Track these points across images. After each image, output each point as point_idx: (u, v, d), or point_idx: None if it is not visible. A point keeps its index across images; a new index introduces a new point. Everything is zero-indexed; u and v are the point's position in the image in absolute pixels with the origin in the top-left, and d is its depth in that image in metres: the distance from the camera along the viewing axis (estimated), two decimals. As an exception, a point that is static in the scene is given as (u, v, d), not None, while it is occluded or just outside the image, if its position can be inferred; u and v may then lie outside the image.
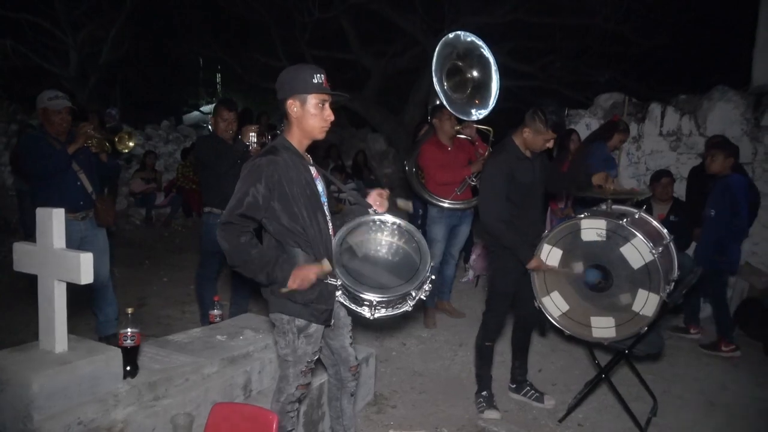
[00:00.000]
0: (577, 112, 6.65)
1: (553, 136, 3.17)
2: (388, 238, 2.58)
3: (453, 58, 4.26)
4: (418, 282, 2.41)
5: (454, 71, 4.35)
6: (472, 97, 4.35)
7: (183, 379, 2.54)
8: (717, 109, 5.62)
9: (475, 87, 4.38)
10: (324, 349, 2.68)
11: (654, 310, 2.99)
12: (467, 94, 4.40)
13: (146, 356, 2.65)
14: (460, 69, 4.36)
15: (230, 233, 2.23)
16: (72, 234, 3.98)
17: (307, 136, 2.41)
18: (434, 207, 4.86)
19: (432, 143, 4.80)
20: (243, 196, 2.23)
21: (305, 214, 2.33)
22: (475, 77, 4.38)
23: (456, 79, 4.41)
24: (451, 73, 4.33)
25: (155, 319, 5.20)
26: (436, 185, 4.81)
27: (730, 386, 3.97)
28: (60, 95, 3.95)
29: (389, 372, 4.10)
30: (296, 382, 2.45)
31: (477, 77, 4.37)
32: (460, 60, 4.28)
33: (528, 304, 3.40)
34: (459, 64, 4.31)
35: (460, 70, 4.38)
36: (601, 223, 3.12)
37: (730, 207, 4.39)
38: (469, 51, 4.27)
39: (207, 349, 2.87)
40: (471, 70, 4.38)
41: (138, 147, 10.21)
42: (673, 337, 4.82)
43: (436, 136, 4.82)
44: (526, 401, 3.66)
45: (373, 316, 2.40)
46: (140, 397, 2.33)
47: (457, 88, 4.34)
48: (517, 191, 3.24)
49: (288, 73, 2.35)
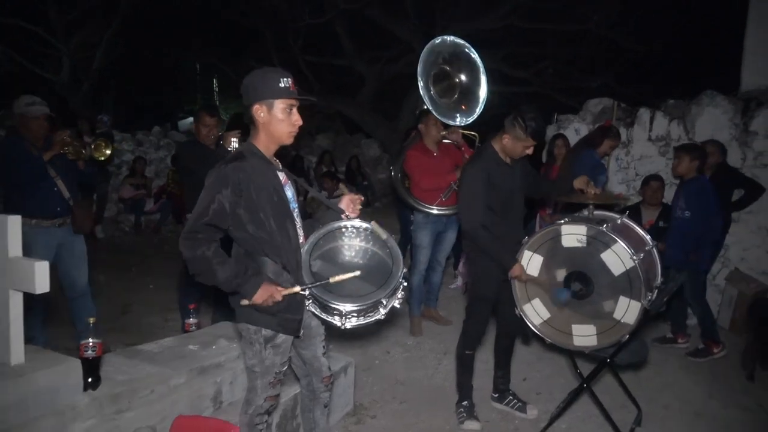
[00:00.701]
0: (566, 117, 6.61)
1: (533, 143, 3.11)
2: (360, 244, 2.52)
3: (439, 62, 4.21)
4: (390, 289, 2.35)
5: (442, 76, 4.29)
6: (460, 102, 4.28)
7: (148, 390, 2.47)
8: (706, 114, 5.56)
9: (462, 92, 4.31)
10: (295, 359, 2.62)
11: (635, 317, 2.93)
12: (454, 99, 4.34)
13: (112, 367, 2.58)
14: (447, 73, 4.30)
15: (194, 243, 2.16)
16: (48, 241, 3.95)
17: (275, 142, 2.36)
18: (420, 213, 4.81)
19: (417, 148, 4.74)
20: (209, 203, 2.17)
21: (272, 222, 2.27)
22: (462, 82, 4.31)
23: (444, 83, 4.34)
24: (439, 77, 4.27)
25: (137, 327, 5.12)
26: (421, 191, 4.75)
27: (717, 395, 3.90)
28: (37, 101, 3.90)
29: (371, 381, 4.03)
30: (264, 393, 2.38)
31: (465, 82, 4.30)
32: (447, 64, 4.22)
33: (510, 311, 3.33)
34: (446, 68, 4.25)
35: (447, 75, 4.32)
36: (582, 229, 3.06)
37: (707, 207, 4.38)
38: (455, 55, 4.21)
39: (177, 359, 2.80)
40: (459, 74, 4.32)
41: (128, 153, 10.18)
42: (661, 347, 4.74)
43: (422, 142, 4.76)
44: (508, 411, 3.59)
45: (344, 325, 2.34)
46: (101, 410, 2.26)
47: (445, 93, 4.27)
48: (496, 198, 3.18)
49: (254, 78, 2.29)
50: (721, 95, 5.56)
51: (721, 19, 8.51)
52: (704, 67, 9.78)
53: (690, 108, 5.72)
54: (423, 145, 4.74)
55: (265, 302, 2.19)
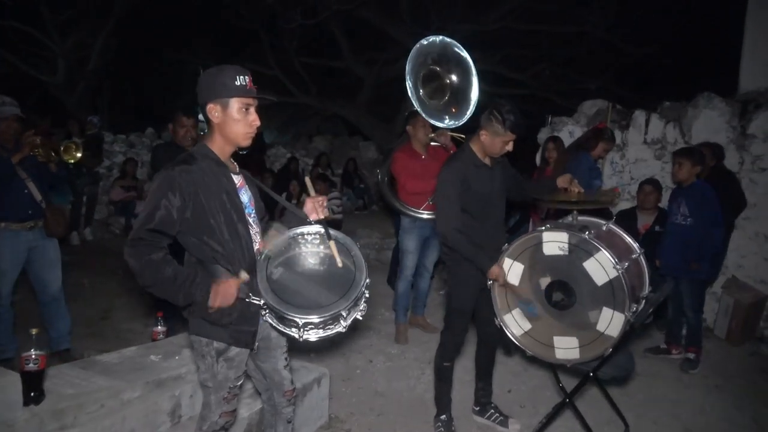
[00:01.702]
0: (560, 119, 6.46)
1: (512, 137, 2.94)
2: (324, 251, 2.37)
3: (429, 63, 4.06)
4: (350, 300, 2.20)
5: (432, 77, 4.14)
6: (450, 104, 4.13)
7: (97, 405, 2.33)
8: (702, 116, 5.40)
9: (453, 93, 4.17)
10: (255, 373, 2.48)
11: (619, 330, 2.77)
12: (445, 100, 4.19)
13: (62, 379, 2.44)
14: (437, 74, 4.16)
15: (140, 250, 2.01)
16: (19, 244, 3.84)
17: (230, 143, 2.21)
18: (406, 217, 4.68)
19: (405, 151, 4.61)
20: (154, 209, 2.02)
21: (224, 228, 2.13)
22: (453, 83, 4.16)
23: (434, 84, 4.19)
24: (429, 78, 4.12)
25: (116, 333, 4.99)
26: (407, 194, 4.62)
27: (709, 410, 3.73)
28: (7, 101, 3.80)
29: (349, 392, 3.88)
30: (219, 409, 2.25)
31: (456, 83, 4.15)
32: (437, 65, 4.07)
33: (489, 321, 3.18)
34: (436, 69, 4.10)
35: (438, 76, 4.17)
36: (563, 236, 2.90)
37: (711, 215, 4.23)
38: (445, 55, 4.05)
39: (135, 371, 2.66)
40: (449, 75, 4.16)
41: (120, 154, 10.07)
42: (654, 358, 4.57)
43: (409, 144, 4.63)
44: (489, 425, 3.44)
45: (301, 337, 2.19)
46: (42, 427, 2.12)
47: (435, 94, 4.13)
48: (473, 201, 3.03)
49: (208, 75, 2.15)
50: (718, 97, 5.40)
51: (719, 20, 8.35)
52: (702, 68, 9.59)
53: (686, 110, 5.56)
54: (411, 147, 4.62)
55: (224, 302, 2.06)
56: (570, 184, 3.17)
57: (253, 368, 2.45)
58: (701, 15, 9.22)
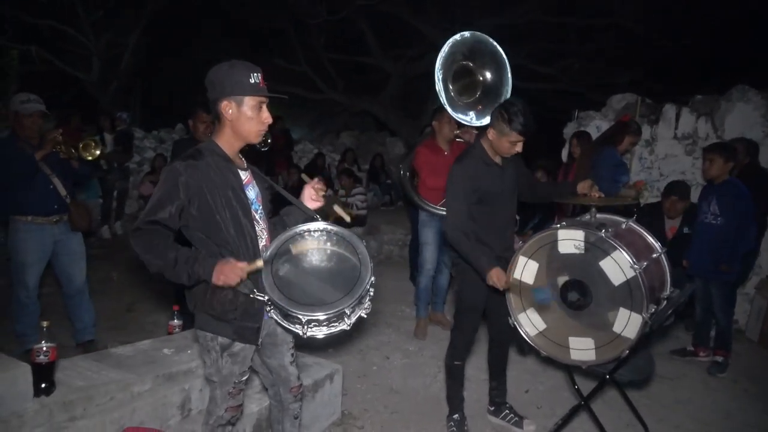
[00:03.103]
0: (587, 114, 6.30)
1: (520, 138, 2.85)
2: (329, 247, 2.36)
3: (459, 59, 3.97)
4: (355, 297, 2.17)
5: (464, 73, 4.06)
6: (480, 101, 4.06)
7: (107, 398, 2.37)
8: (736, 110, 5.19)
9: (485, 91, 4.08)
10: (261, 368, 2.49)
11: (636, 331, 2.68)
12: (475, 98, 4.10)
13: (74, 371, 2.49)
14: (470, 70, 4.07)
15: (144, 239, 2.04)
16: (44, 238, 3.93)
17: (241, 140, 2.22)
18: (424, 212, 4.65)
19: (428, 146, 4.59)
20: (158, 202, 2.05)
21: (230, 224, 2.14)
22: (487, 80, 4.07)
23: (465, 80, 4.12)
24: (461, 74, 4.04)
25: (140, 325, 5.08)
26: (426, 190, 4.61)
27: (736, 415, 3.59)
28: (32, 99, 3.88)
29: (365, 388, 3.87)
30: (225, 404, 2.26)
31: (489, 80, 4.06)
32: (470, 60, 3.98)
33: (501, 320, 3.11)
34: (469, 65, 4.02)
35: (470, 72, 4.09)
36: (579, 234, 2.82)
37: (744, 215, 4.06)
38: (479, 51, 3.96)
39: (146, 364, 2.70)
40: (483, 71, 4.06)
41: (150, 150, 10.28)
42: (681, 361, 4.43)
43: (433, 139, 4.61)
44: (504, 425, 3.38)
45: (305, 334, 2.18)
46: (51, 418, 2.17)
47: (465, 91, 4.06)
48: (483, 200, 2.96)
49: (222, 71, 2.14)
50: (753, 90, 5.18)
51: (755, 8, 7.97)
52: (736, 60, 9.19)
53: (719, 104, 5.35)
54: (434, 142, 4.60)
55: (226, 281, 2.00)
56: (590, 190, 3.05)
57: (259, 364, 2.45)
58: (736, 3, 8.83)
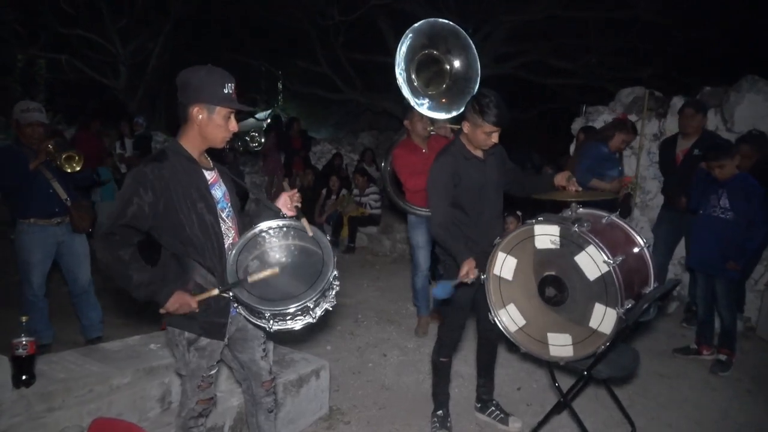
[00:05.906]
0: (596, 109, 6.20)
1: (493, 129, 2.82)
2: (293, 243, 2.41)
3: (420, 49, 3.84)
4: (317, 291, 2.21)
5: (429, 61, 3.95)
6: (448, 91, 3.95)
7: (86, 390, 2.47)
8: (746, 101, 5.02)
9: (454, 80, 3.96)
10: (233, 363, 2.55)
11: (612, 327, 2.65)
12: (445, 86, 3.97)
13: (59, 365, 2.60)
14: (435, 58, 3.95)
15: (111, 245, 2.11)
16: (47, 238, 4.09)
17: (207, 143, 2.28)
18: (412, 216, 4.56)
19: (404, 146, 4.39)
20: (126, 204, 2.10)
21: (195, 223, 2.20)
22: (454, 67, 3.94)
23: (432, 70, 3.99)
24: (425, 63, 3.93)
25: (150, 323, 5.22)
26: (410, 193, 4.41)
27: (734, 416, 3.49)
28: (32, 108, 4.03)
29: (357, 385, 3.90)
30: (195, 397, 2.33)
31: (457, 69, 3.95)
32: (433, 48, 3.85)
33: (488, 316, 3.11)
34: (433, 52, 3.90)
35: (436, 60, 3.96)
36: (554, 229, 2.79)
37: (756, 212, 3.93)
38: (442, 37, 3.84)
39: (130, 358, 2.80)
40: (449, 57, 3.92)
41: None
42: (683, 359, 4.32)
43: (409, 138, 4.43)
44: (490, 422, 3.37)
45: (271, 328, 2.24)
46: (29, 408, 2.28)
47: (431, 82, 3.96)
48: (465, 195, 2.96)
49: (196, 76, 2.17)
50: (763, 80, 5.01)
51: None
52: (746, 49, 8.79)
53: (728, 95, 5.19)
54: (410, 141, 4.39)
55: (177, 311, 2.15)
56: (567, 183, 3.01)
57: (230, 358, 2.52)
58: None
